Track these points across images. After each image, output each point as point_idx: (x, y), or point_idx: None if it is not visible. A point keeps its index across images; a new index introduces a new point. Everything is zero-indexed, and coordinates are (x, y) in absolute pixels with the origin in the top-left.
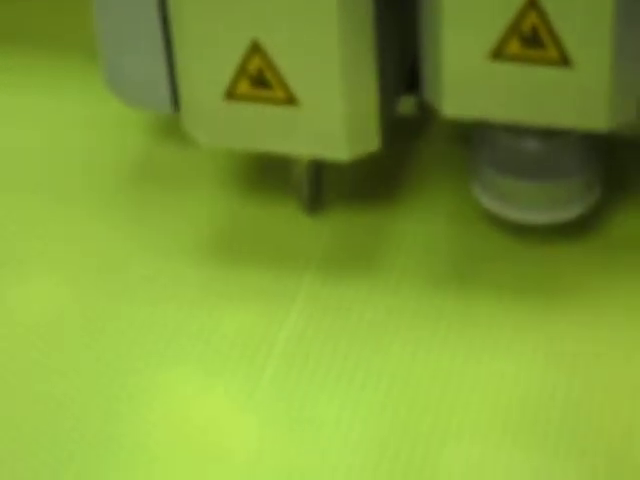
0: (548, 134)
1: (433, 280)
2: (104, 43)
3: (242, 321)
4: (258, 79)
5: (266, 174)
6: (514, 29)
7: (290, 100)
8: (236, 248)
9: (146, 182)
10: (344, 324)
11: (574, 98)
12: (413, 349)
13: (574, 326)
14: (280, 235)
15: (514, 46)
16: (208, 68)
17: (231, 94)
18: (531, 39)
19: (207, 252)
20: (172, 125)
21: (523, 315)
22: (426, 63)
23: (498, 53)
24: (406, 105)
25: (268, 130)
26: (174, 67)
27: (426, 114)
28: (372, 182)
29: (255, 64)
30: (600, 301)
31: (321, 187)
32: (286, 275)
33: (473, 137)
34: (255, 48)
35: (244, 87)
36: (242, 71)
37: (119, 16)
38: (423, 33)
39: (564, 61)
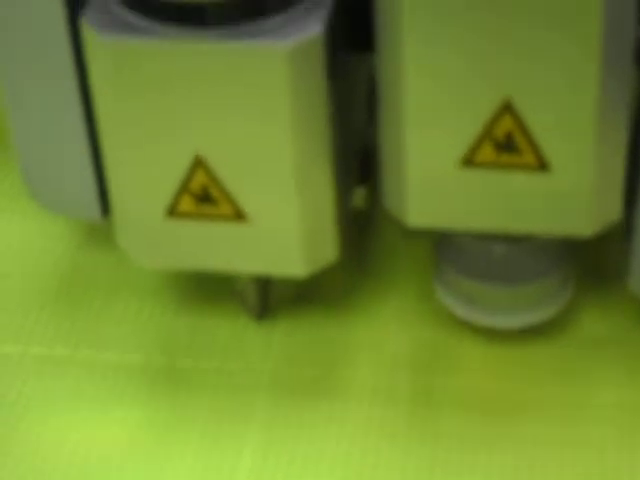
0: (517, 237)
1: (396, 398)
2: (21, 146)
3: (190, 467)
4: (202, 195)
5: (203, 278)
6: (487, 135)
7: (238, 216)
8: (176, 367)
9: (70, 291)
10: (304, 458)
11: (553, 204)
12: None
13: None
14: (224, 348)
15: (487, 152)
16: (147, 184)
17: (173, 211)
18: (505, 144)
19: (138, 374)
20: (94, 227)
21: (492, 431)
22: (387, 168)
23: (469, 160)
24: (357, 198)
25: (214, 248)
26: (102, 170)
27: (377, 206)
28: (323, 281)
29: (199, 180)
30: (576, 412)
31: (269, 293)
32: (236, 401)
33: (436, 240)
34: (198, 163)
35: (187, 204)
36: (185, 187)
37: (38, 118)
38: (384, 135)
39: (541, 166)
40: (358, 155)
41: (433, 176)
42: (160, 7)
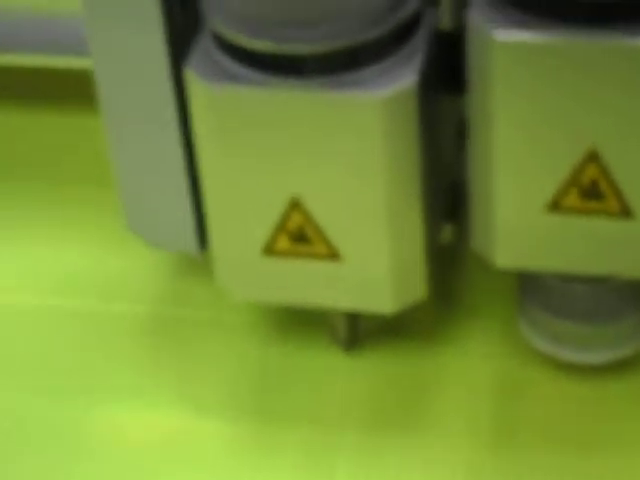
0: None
1: (479, 429)
2: (123, 181)
3: None
4: (298, 235)
5: (294, 310)
6: (573, 182)
7: (332, 255)
8: (269, 398)
9: (166, 326)
10: None
11: (635, 249)
12: None
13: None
14: (314, 380)
15: (573, 198)
16: (245, 223)
17: (270, 250)
18: (591, 191)
19: (237, 404)
20: (190, 261)
21: (575, 464)
22: (476, 211)
23: (555, 205)
24: (444, 232)
25: (308, 284)
26: (200, 205)
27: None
28: (410, 314)
29: (295, 221)
30: None
31: (358, 326)
32: (326, 430)
33: (519, 278)
34: (295, 204)
35: (283, 242)
36: (282, 227)
37: (139, 152)
38: (473, 178)
39: (625, 212)
40: (447, 192)
41: (520, 220)
42: (260, 57)
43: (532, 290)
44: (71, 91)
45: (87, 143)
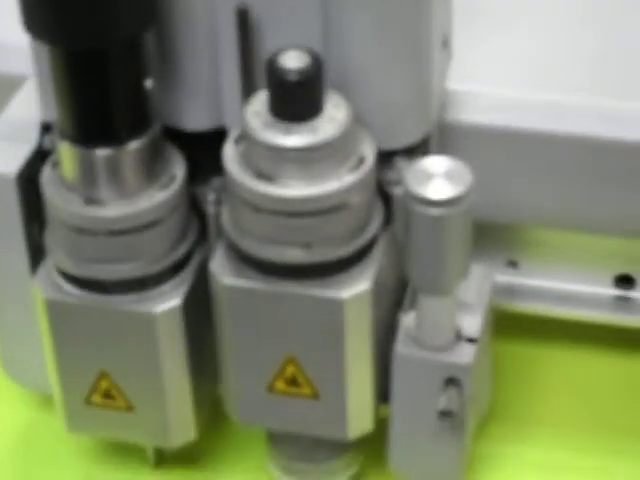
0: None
1: None
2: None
3: None
4: (292, 380)
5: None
6: (280, 374)
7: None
8: None
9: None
10: None
11: (322, 417)
12: None
13: None
14: None
15: (281, 384)
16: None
17: (271, 389)
18: (291, 381)
19: None
20: None
21: None
22: (225, 381)
23: (271, 388)
24: None
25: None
26: None
27: None
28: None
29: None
30: None
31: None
32: None
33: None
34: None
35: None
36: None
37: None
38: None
39: (315, 395)
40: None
41: (250, 394)
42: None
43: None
44: None
45: None
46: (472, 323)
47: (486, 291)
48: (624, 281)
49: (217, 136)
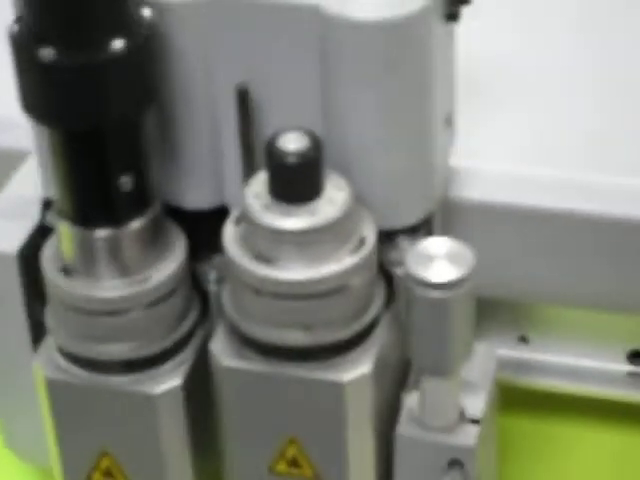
0: None
1: None
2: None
3: None
4: (293, 461)
5: None
6: (281, 456)
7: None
8: None
9: None
10: None
11: None
12: None
13: None
14: None
15: (282, 466)
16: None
17: (272, 471)
18: (292, 462)
19: None
20: None
21: None
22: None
23: (271, 470)
24: None
25: None
26: None
27: None
28: None
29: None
30: None
31: None
32: None
33: None
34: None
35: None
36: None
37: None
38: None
39: (317, 477)
40: None
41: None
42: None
43: None
44: None
45: None
46: (476, 403)
47: (490, 370)
48: (636, 357)
49: (219, 214)
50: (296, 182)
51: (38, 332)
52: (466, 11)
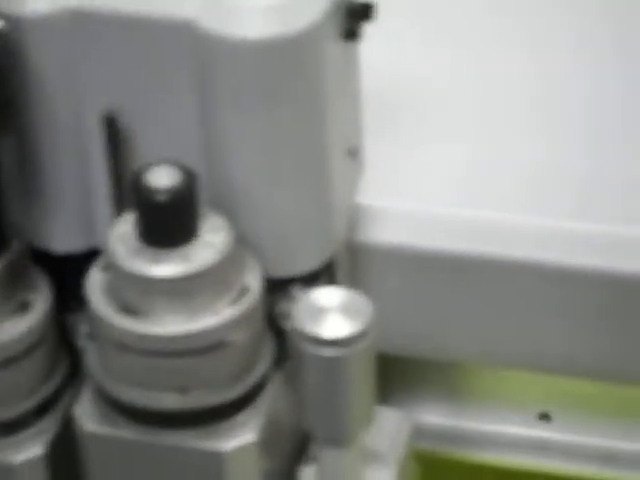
0: None
1: None
2: None
3: None
4: None
5: None
6: None
7: None
8: None
9: None
10: None
11: None
12: None
13: None
14: None
15: None
16: None
17: None
18: None
19: None
20: None
21: None
22: None
23: None
24: None
25: None
26: None
27: None
28: None
29: None
30: None
31: None
32: None
33: None
34: None
35: None
36: None
37: None
38: None
39: None
40: None
41: None
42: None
43: None
44: None
45: None
46: (382, 477)
47: (402, 439)
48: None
49: (92, 258)
50: (167, 223)
51: None
52: (375, 27)
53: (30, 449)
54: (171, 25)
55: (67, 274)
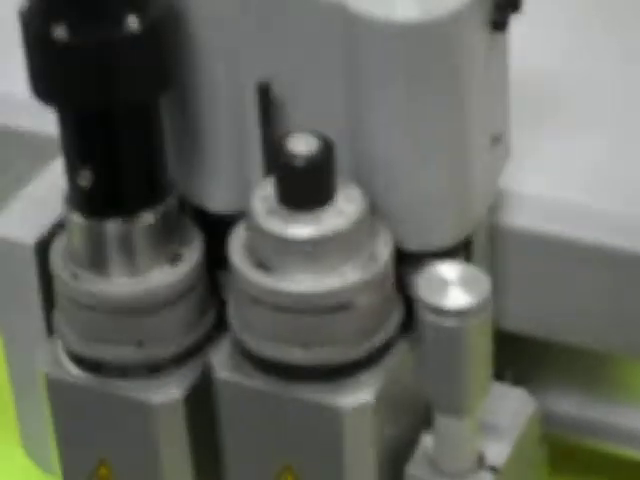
0: None
1: None
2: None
3: None
4: None
5: None
6: None
7: None
8: None
9: None
10: None
11: None
12: None
13: None
14: None
15: None
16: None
17: None
18: None
19: None
20: None
21: None
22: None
23: None
24: None
25: None
26: None
27: None
28: None
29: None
30: None
31: None
32: None
33: None
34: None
35: None
36: None
37: None
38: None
39: None
40: None
41: None
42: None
43: None
44: None
45: None
46: (498, 450)
47: (523, 418)
48: None
49: None
50: (303, 187)
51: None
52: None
53: (170, 391)
54: (323, 6)
55: (223, 234)
